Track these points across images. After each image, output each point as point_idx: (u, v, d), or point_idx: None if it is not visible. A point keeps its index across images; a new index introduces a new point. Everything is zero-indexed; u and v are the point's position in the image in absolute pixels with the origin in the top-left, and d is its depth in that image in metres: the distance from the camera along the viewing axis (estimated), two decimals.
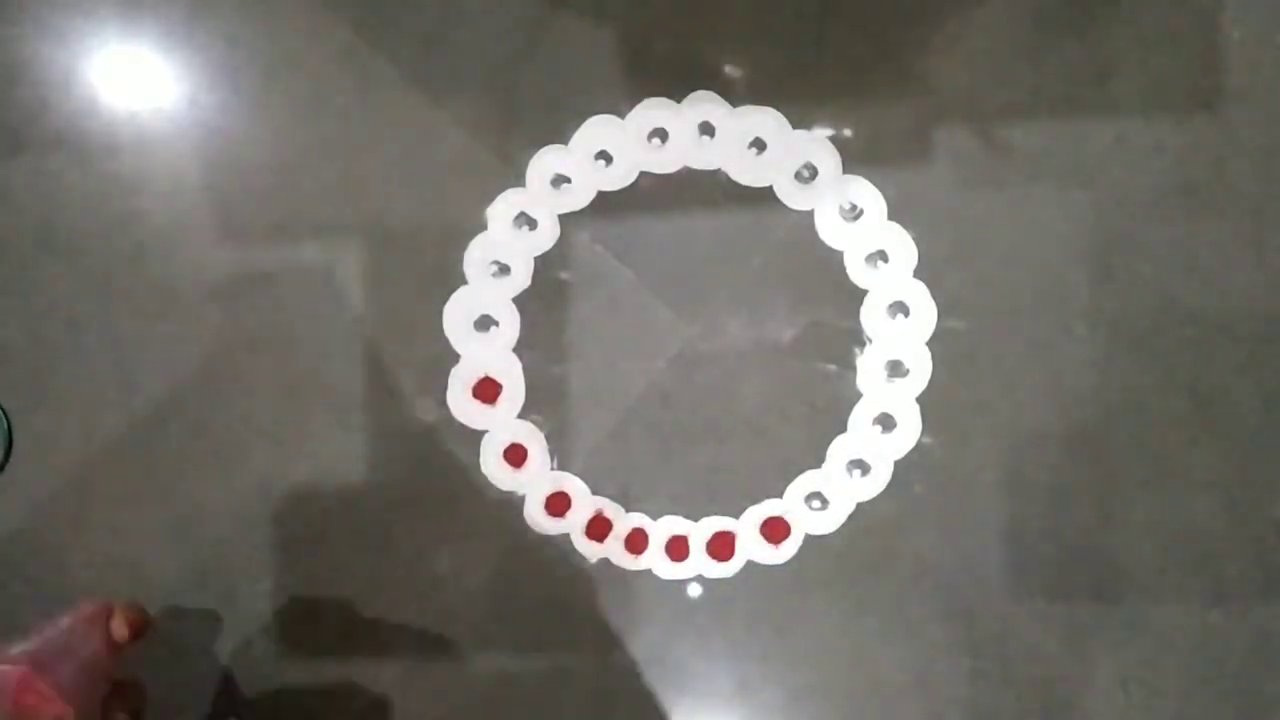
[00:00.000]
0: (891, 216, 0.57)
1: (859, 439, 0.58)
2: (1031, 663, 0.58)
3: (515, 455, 0.59)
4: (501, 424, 0.59)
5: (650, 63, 0.57)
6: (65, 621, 0.48)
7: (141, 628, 0.50)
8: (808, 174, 0.57)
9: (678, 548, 0.59)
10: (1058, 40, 0.57)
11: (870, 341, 0.58)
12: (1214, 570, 0.58)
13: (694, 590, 0.59)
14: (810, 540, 0.59)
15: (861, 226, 0.57)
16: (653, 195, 0.58)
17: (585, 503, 0.59)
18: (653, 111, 0.57)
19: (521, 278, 0.58)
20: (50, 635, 0.47)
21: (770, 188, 0.58)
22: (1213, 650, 0.58)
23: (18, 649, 0.45)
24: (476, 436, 0.59)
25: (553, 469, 0.59)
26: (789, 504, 0.59)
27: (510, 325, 0.58)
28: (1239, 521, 0.57)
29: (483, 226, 0.58)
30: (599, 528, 0.59)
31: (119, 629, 0.49)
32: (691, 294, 0.58)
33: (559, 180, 0.58)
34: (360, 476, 0.59)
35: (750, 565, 0.59)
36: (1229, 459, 0.57)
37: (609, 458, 0.59)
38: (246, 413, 0.59)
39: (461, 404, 0.58)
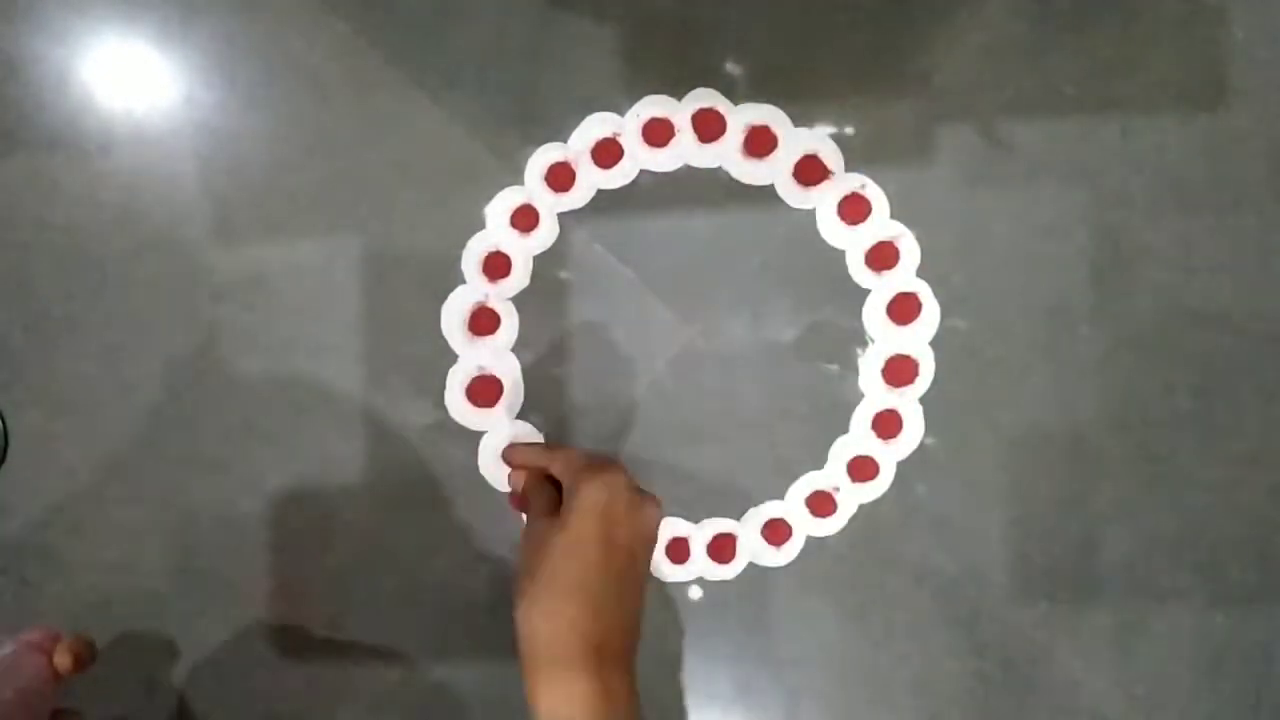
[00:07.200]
0: (894, 215, 0.57)
1: (861, 440, 0.58)
2: (1034, 664, 0.58)
3: None
4: (500, 425, 0.58)
5: (650, 59, 0.57)
6: (8, 647, 0.48)
7: (86, 660, 0.49)
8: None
9: (678, 549, 0.59)
10: (1060, 38, 0.56)
11: (872, 342, 0.58)
12: (1216, 571, 0.57)
13: (695, 593, 0.59)
14: (812, 542, 0.58)
15: (863, 225, 0.57)
16: (653, 194, 0.57)
17: None
18: (653, 108, 0.57)
19: (520, 277, 0.58)
20: None
21: (771, 186, 0.57)
22: (1215, 652, 0.58)
23: None
24: (475, 437, 0.58)
25: None
26: (790, 505, 0.58)
27: (509, 325, 0.58)
28: (1240, 521, 0.57)
29: (481, 225, 0.58)
30: None
31: (62, 660, 0.48)
32: (691, 294, 0.58)
33: (558, 178, 0.58)
34: (357, 478, 0.58)
35: (752, 567, 0.59)
36: (1230, 459, 0.57)
37: None
38: (243, 413, 0.58)
39: (459, 405, 0.58)
